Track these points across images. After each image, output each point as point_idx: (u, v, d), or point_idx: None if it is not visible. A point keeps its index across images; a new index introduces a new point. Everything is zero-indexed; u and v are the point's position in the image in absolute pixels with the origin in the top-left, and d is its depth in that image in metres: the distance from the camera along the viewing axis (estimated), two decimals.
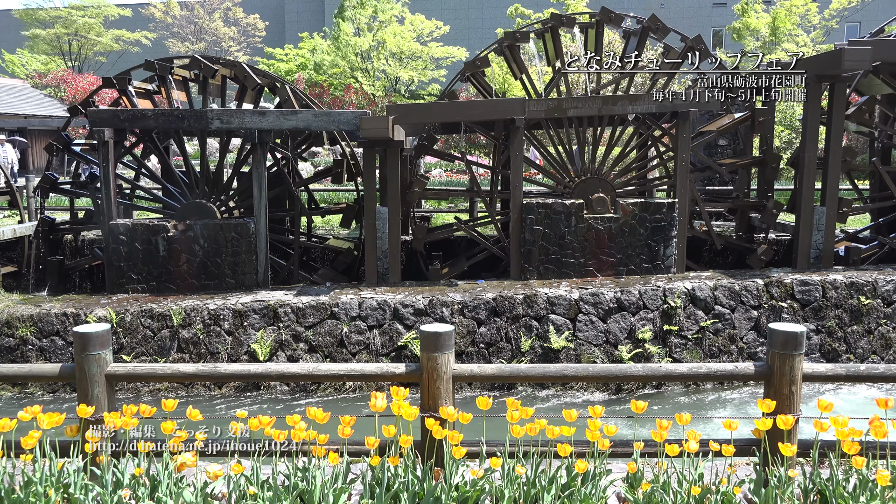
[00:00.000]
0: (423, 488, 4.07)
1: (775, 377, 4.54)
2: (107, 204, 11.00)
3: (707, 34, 40.30)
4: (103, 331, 4.68)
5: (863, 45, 10.97)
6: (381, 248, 11.24)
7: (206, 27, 43.32)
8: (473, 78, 12.68)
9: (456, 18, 43.60)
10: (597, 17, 13.02)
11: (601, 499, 4.12)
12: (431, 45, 34.29)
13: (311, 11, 49.85)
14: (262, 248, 11.09)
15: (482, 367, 4.95)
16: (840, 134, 11.41)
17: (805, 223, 11.42)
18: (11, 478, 4.10)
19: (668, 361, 10.11)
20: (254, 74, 12.47)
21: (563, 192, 11.76)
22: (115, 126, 10.97)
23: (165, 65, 12.05)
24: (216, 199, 11.75)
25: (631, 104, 11.26)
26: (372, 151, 11.15)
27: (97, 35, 40.94)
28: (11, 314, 10.09)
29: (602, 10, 12.92)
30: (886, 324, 10.48)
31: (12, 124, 28.67)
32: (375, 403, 4.14)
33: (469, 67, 12.48)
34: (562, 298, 10.23)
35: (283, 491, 4.03)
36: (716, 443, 4.35)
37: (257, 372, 5.01)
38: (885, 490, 3.95)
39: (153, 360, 9.90)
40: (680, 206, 11.18)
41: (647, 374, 5.14)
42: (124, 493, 4.01)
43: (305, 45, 36.61)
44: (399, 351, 10.05)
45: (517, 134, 11.09)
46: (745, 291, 10.48)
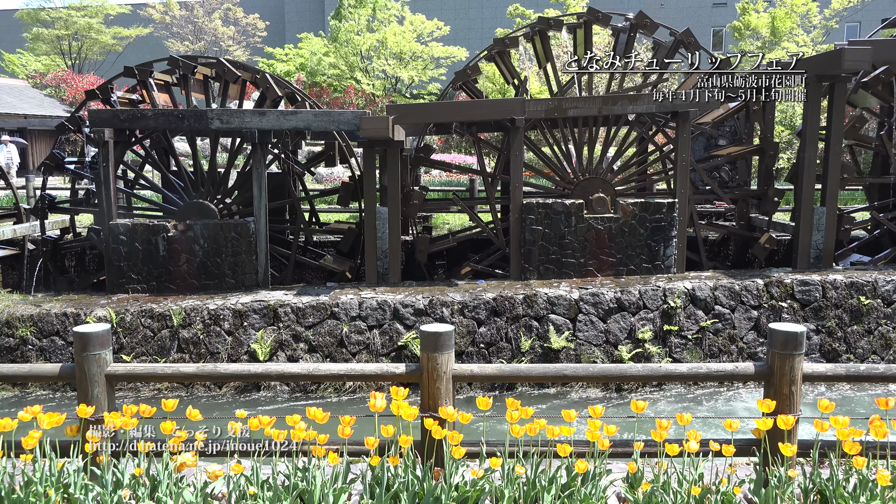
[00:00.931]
0: (423, 488, 4.07)
1: (775, 377, 4.54)
2: (107, 204, 11.00)
3: (707, 34, 40.32)
4: (103, 331, 4.68)
5: (863, 45, 10.97)
6: (381, 248, 11.24)
7: (206, 27, 43.30)
8: (465, 87, 12.77)
9: (456, 18, 43.61)
10: (584, 18, 13.05)
11: (601, 499, 4.12)
12: (432, 44, 34.30)
13: (311, 11, 49.85)
14: (262, 248, 11.09)
15: (482, 367, 4.95)
16: (840, 134, 11.41)
17: (805, 223, 11.42)
18: (11, 478, 4.10)
19: (668, 361, 10.11)
20: (234, 69, 12.45)
21: (563, 192, 11.76)
22: (114, 126, 10.98)
23: (145, 69, 12.03)
24: (216, 199, 11.75)
25: (631, 104, 11.26)
26: (372, 151, 11.16)
27: (97, 34, 40.94)
28: (11, 314, 10.10)
29: (589, 10, 12.97)
30: (886, 324, 10.48)
31: (12, 124, 28.69)
32: (375, 403, 4.14)
33: (461, 76, 12.56)
34: (562, 298, 10.23)
35: (283, 491, 4.03)
36: (716, 443, 4.35)
37: (257, 372, 5.02)
38: (885, 490, 3.95)
39: (153, 360, 9.90)
40: (680, 206, 11.18)
41: (647, 374, 5.14)
42: (124, 493, 4.01)
43: (305, 45, 36.62)
44: (399, 351, 10.06)
45: (517, 134, 11.10)
46: (745, 291, 10.48)
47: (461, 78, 12.55)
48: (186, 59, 12.32)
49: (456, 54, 34.78)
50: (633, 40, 13.09)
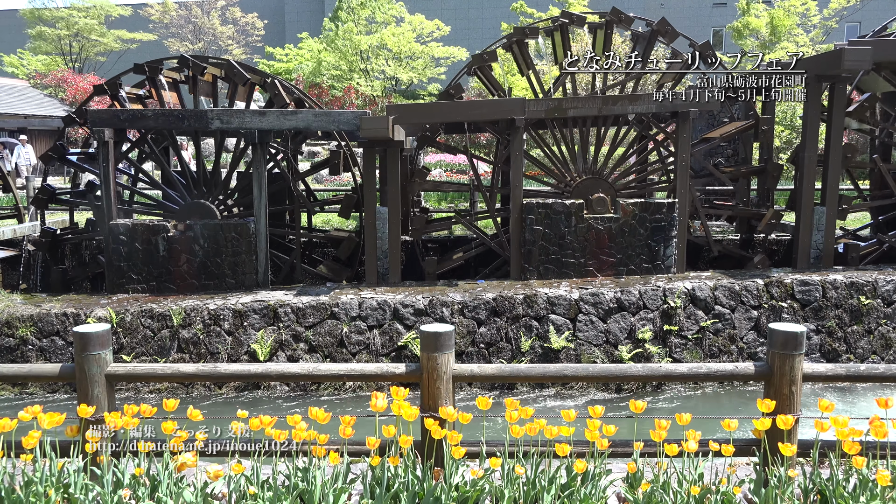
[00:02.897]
0: (423, 488, 4.07)
1: (775, 377, 4.54)
2: (106, 204, 11.01)
3: (707, 34, 40.28)
4: (103, 331, 4.68)
5: (863, 45, 10.97)
6: (381, 248, 11.25)
7: (204, 27, 43.30)
8: (480, 71, 12.49)
9: (456, 18, 43.60)
10: (607, 18, 12.96)
11: (601, 499, 4.12)
12: (432, 44, 34.29)
13: (311, 11, 49.83)
14: (262, 248, 11.09)
15: (482, 367, 4.95)
16: (840, 134, 11.41)
17: (805, 223, 11.42)
18: (11, 478, 4.10)
19: (668, 361, 10.11)
20: (244, 71, 12.45)
21: (564, 192, 11.77)
22: (115, 126, 10.98)
23: (155, 66, 12.04)
24: (216, 199, 11.75)
25: (631, 104, 11.26)
26: (372, 151, 11.16)
27: (99, 36, 40.93)
28: (11, 314, 10.10)
29: (612, 10, 12.86)
30: (886, 324, 10.48)
31: (12, 124, 28.69)
32: (376, 403, 4.14)
33: (477, 60, 12.32)
34: (562, 298, 10.23)
35: (283, 491, 4.03)
36: (715, 443, 4.35)
37: (257, 372, 5.02)
38: (885, 490, 3.95)
39: (153, 360, 9.90)
40: (680, 207, 11.18)
41: (647, 374, 5.14)
42: (124, 493, 4.01)
43: (305, 45, 36.61)
44: (399, 351, 10.06)
45: (517, 134, 11.10)
46: (745, 291, 10.48)
47: (477, 62, 12.25)
48: (196, 59, 12.29)
49: (456, 54, 34.78)
50: (651, 48, 13.01)
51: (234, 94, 12.62)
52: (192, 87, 12.43)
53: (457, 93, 12.43)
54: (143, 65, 12.04)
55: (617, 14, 12.82)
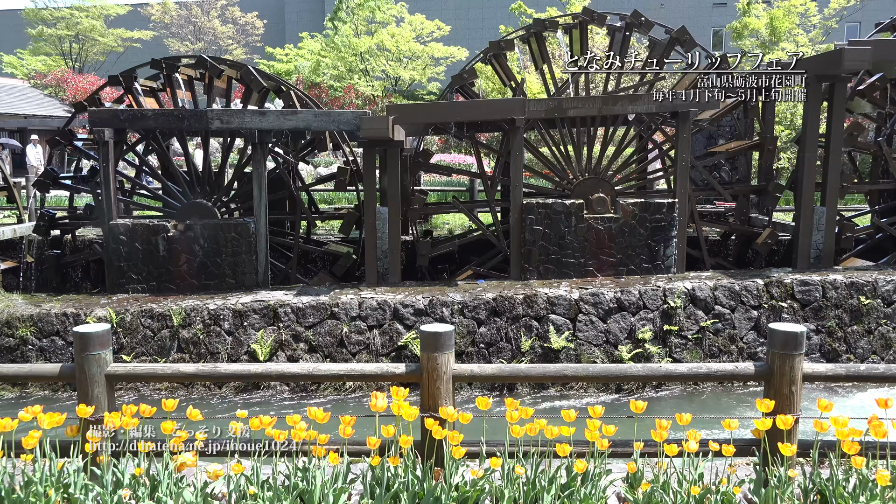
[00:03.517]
0: (423, 488, 4.07)
1: (775, 377, 4.54)
2: (107, 204, 11.00)
3: (707, 34, 40.29)
4: (103, 331, 4.69)
5: (863, 45, 10.97)
6: (381, 248, 11.25)
7: (204, 27, 43.28)
8: (461, 90, 12.76)
9: (456, 18, 43.57)
10: (579, 18, 13.05)
11: (601, 499, 4.12)
12: (432, 44, 34.27)
13: (311, 11, 49.81)
14: (262, 249, 11.09)
15: (482, 367, 4.95)
16: (840, 134, 11.40)
17: (805, 223, 11.42)
18: (11, 478, 4.10)
19: (668, 361, 10.11)
20: (259, 77, 12.36)
21: (563, 193, 11.76)
22: (115, 126, 10.98)
23: (172, 63, 12.04)
24: (216, 199, 11.75)
25: (631, 104, 11.26)
26: (372, 151, 11.16)
27: (99, 35, 40.92)
28: (11, 314, 10.10)
29: (584, 10, 13.01)
30: (886, 324, 10.48)
31: (12, 124, 28.71)
32: (376, 403, 4.14)
33: (457, 80, 12.54)
34: (562, 298, 10.23)
35: (283, 491, 4.03)
36: (715, 443, 4.35)
37: (257, 372, 5.02)
38: (885, 490, 3.95)
39: (153, 360, 9.90)
40: (680, 206, 11.18)
41: (647, 374, 5.15)
42: (124, 493, 4.01)
43: (305, 45, 36.60)
44: (399, 351, 10.06)
45: (517, 134, 11.10)
46: (745, 291, 10.48)
47: (457, 82, 12.53)
48: (213, 61, 12.25)
49: (456, 54, 34.77)
50: (628, 39, 13.10)
51: (212, 88, 12.50)
52: (208, 87, 12.42)
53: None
54: (161, 60, 12.03)
55: (589, 13, 12.96)
